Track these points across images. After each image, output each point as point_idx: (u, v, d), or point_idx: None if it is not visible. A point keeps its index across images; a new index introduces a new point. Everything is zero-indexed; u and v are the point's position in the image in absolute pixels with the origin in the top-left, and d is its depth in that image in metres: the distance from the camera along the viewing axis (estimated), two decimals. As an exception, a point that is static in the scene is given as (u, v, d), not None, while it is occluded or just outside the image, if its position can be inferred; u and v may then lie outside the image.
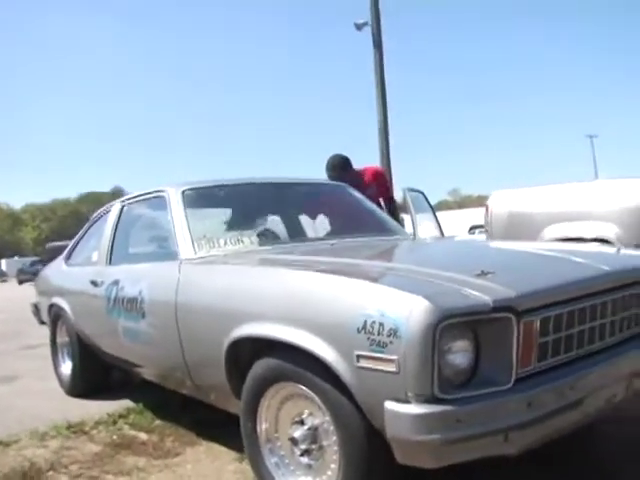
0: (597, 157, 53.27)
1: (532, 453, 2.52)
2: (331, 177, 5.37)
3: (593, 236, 5.97)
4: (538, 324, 2.19)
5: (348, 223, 4.32)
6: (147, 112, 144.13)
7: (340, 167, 5.49)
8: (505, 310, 2.08)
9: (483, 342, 2.10)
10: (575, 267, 2.66)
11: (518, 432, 2.08)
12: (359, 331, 2.11)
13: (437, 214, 4.78)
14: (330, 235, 4.03)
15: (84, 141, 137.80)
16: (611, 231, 6.10)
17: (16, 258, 62.48)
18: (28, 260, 48.66)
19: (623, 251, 3.13)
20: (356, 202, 4.49)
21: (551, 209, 6.65)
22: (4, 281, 51.75)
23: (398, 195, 5.83)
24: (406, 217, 4.82)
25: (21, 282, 39.70)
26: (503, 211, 7.03)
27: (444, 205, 70.14)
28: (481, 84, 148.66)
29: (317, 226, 4.23)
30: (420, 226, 4.33)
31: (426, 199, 4.80)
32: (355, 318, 2.13)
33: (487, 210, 7.23)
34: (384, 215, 4.61)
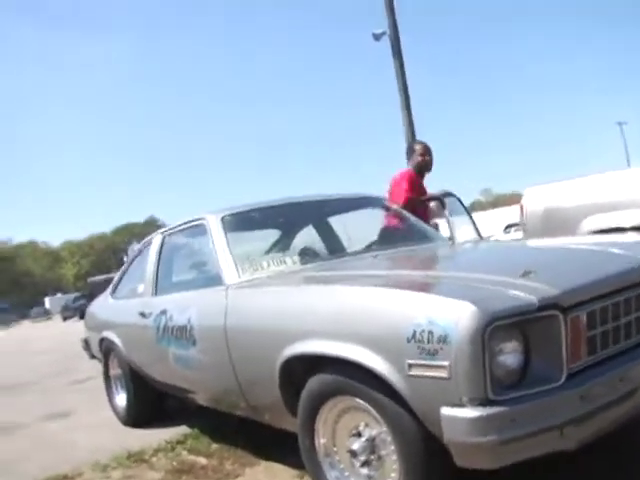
0: (628, 144, 52.22)
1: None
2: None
3: (632, 225, 5.89)
4: (585, 318, 2.23)
5: (387, 234, 4.36)
6: (177, 138, 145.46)
7: None
8: (551, 308, 2.12)
9: (532, 341, 2.14)
10: (616, 259, 2.68)
11: (573, 427, 2.11)
12: (409, 341, 2.16)
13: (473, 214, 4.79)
14: (371, 248, 4.08)
15: (115, 173, 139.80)
16: (651, 219, 6.02)
17: (59, 295, 63.52)
18: (71, 297, 49.31)
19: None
20: (392, 213, 4.53)
21: (587, 201, 6.56)
22: (49, 318, 52.60)
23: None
24: (440, 221, 4.84)
25: (65, 318, 40.36)
26: (538, 208, 6.95)
27: (477, 205, 69.50)
28: (505, 81, 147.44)
29: (356, 240, 4.27)
30: (458, 230, 4.36)
31: (460, 202, 4.83)
32: (404, 328, 2.18)
33: (522, 208, 7.17)
34: (421, 223, 4.65)
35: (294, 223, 4.25)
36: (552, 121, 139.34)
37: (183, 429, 4.74)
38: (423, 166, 5.81)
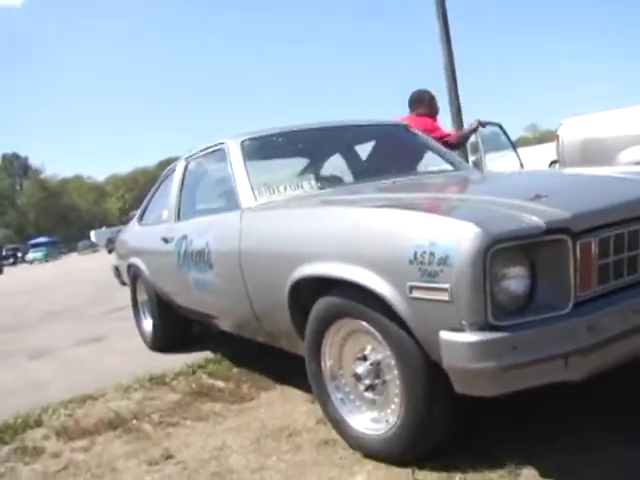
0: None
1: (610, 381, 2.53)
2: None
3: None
4: (597, 245, 2.12)
5: (411, 161, 4.26)
6: (220, 75, 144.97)
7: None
8: (559, 232, 2.02)
9: (539, 267, 2.06)
10: (635, 186, 2.55)
11: (579, 357, 2.03)
12: (411, 262, 2.10)
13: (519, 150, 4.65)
14: (393, 174, 3.99)
15: (159, 106, 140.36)
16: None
17: (104, 229, 64.46)
18: (116, 230, 50.03)
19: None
20: (418, 140, 4.42)
21: (626, 132, 6.34)
22: (95, 251, 53.60)
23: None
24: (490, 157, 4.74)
25: (110, 251, 40.99)
26: (575, 139, 6.73)
27: (522, 141, 67.95)
28: (551, 13, 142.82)
29: (380, 166, 4.18)
30: (498, 161, 4.25)
31: (504, 131, 4.70)
32: (406, 249, 2.12)
33: (558, 140, 6.95)
34: (449, 152, 4.53)
35: (316, 149, 4.16)
36: (603, 56, 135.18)
37: (206, 354, 4.81)
38: (435, 112, 5.90)
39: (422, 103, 5.82)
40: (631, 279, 2.28)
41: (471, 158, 5.53)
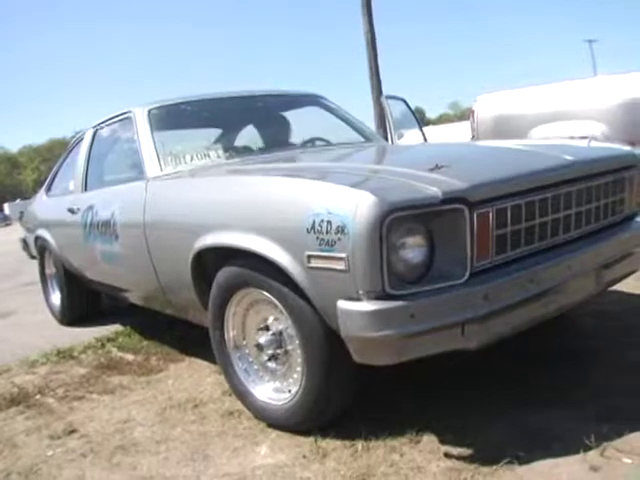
0: (598, 63, 51.83)
1: (508, 347, 2.60)
2: None
3: (580, 135, 5.87)
4: (493, 215, 2.15)
5: (323, 132, 4.24)
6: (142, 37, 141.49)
7: None
8: (456, 201, 2.04)
9: (436, 236, 2.08)
10: (535, 158, 2.59)
11: (475, 325, 2.08)
12: (308, 231, 2.09)
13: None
14: (303, 145, 3.98)
15: (76, 77, 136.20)
16: (598, 129, 6.01)
17: (18, 201, 62.32)
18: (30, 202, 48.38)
19: (593, 144, 3.07)
20: (330, 111, 4.40)
21: (537, 110, 6.52)
22: (8, 224, 51.81)
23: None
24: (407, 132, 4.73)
25: (24, 224, 39.73)
26: (489, 115, 6.89)
27: (444, 118, 68.97)
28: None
29: (291, 137, 4.15)
30: (405, 136, 4.27)
31: (407, 106, 4.70)
32: (304, 219, 2.11)
33: (473, 115, 7.10)
34: (361, 124, 4.53)
35: (227, 119, 4.07)
36: (523, 36, 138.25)
37: (116, 327, 4.73)
38: None
39: None
40: (528, 249, 2.33)
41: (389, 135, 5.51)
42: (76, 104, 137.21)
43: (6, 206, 63.67)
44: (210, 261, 2.71)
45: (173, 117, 3.80)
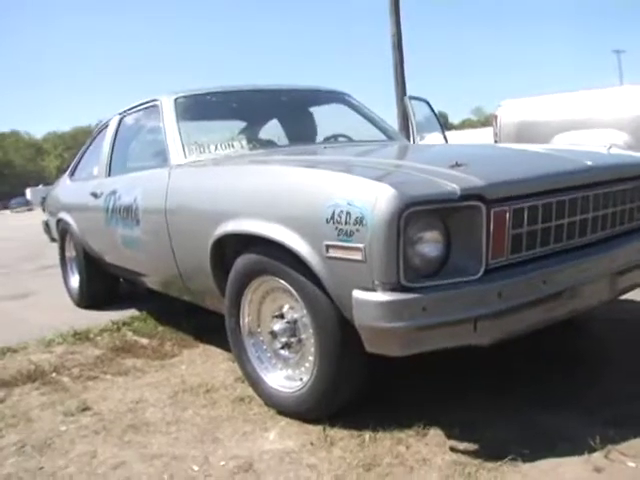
0: (625, 74, 51.48)
1: (520, 346, 2.67)
2: None
3: (602, 144, 5.86)
4: (510, 215, 2.17)
5: (346, 128, 4.27)
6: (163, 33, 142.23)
7: None
8: (474, 198, 2.06)
9: (453, 232, 2.11)
10: (555, 161, 2.62)
11: (488, 322, 2.10)
12: (328, 221, 2.13)
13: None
14: (327, 139, 4.03)
15: (104, 66, 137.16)
16: (620, 139, 5.99)
17: (40, 187, 62.84)
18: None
19: (614, 150, 3.08)
20: (355, 109, 4.44)
21: (560, 117, 6.51)
22: (30, 209, 52.27)
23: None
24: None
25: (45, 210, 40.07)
26: (512, 121, 6.89)
27: (467, 124, 68.83)
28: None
29: (315, 131, 4.19)
30: (427, 138, 4.29)
31: (430, 107, 4.72)
32: (324, 209, 2.15)
33: (496, 120, 7.10)
34: (385, 123, 4.56)
35: (252, 111, 4.12)
36: (551, 44, 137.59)
37: (132, 312, 4.81)
38: None
39: None
40: (543, 250, 2.35)
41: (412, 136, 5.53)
42: (101, 93, 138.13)
43: (28, 191, 64.25)
44: (229, 248, 2.75)
45: (199, 107, 3.86)
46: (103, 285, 5.15)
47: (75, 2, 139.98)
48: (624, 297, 2.96)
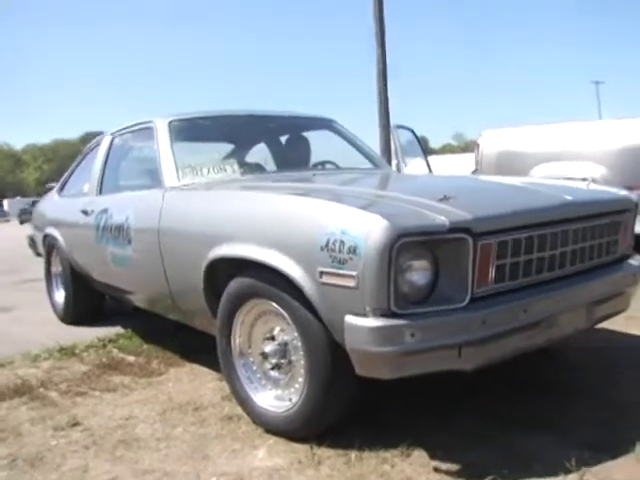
0: (603, 104, 52.44)
1: (496, 378, 2.81)
2: None
3: (580, 177, 6.04)
4: (495, 247, 2.31)
5: (334, 156, 4.39)
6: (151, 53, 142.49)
7: None
8: (462, 231, 2.19)
9: (441, 262, 2.22)
10: (537, 196, 2.75)
11: (472, 348, 2.23)
12: (322, 249, 2.24)
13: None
14: (315, 167, 4.15)
15: (86, 81, 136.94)
16: (598, 172, 6.19)
17: (18, 198, 62.44)
18: (30, 200, 48.48)
19: (592, 186, 3.22)
20: (342, 136, 4.56)
21: (540, 149, 6.71)
22: (7, 221, 51.82)
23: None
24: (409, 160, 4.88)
25: (22, 222, 39.64)
26: (493, 150, 7.08)
27: (447, 149, 69.42)
28: (486, 28, 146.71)
29: (303, 158, 4.30)
30: (410, 164, 4.43)
31: (415, 136, 4.87)
32: (319, 237, 2.26)
33: (478, 149, 7.29)
34: (372, 151, 4.69)
35: (242, 135, 4.25)
36: (535, 74, 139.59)
37: (118, 329, 4.85)
38: None
39: None
40: (525, 281, 2.48)
41: (394, 161, 5.69)
42: (81, 106, 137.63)
43: (5, 202, 63.75)
44: (222, 271, 2.84)
45: (192, 130, 3.97)
46: (89, 301, 5.19)
47: (57, 10, 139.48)
48: (599, 326, 3.08)
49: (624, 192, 3.23)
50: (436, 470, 2.31)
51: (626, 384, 3.09)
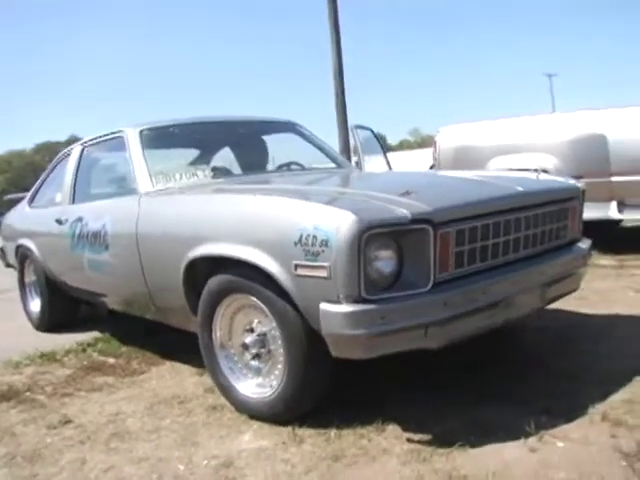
0: (556, 96, 53.45)
1: (460, 357, 3.05)
2: None
3: (534, 168, 6.31)
4: (454, 235, 2.54)
5: (297, 157, 4.60)
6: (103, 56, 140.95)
7: None
8: (423, 222, 2.42)
9: (405, 251, 2.45)
10: (491, 187, 3.01)
11: (437, 328, 2.45)
12: (296, 244, 2.44)
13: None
14: (281, 168, 4.36)
15: (37, 90, 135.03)
16: (551, 162, 6.49)
17: (-28, 211, 61.38)
18: (-9, 213, 47.58)
19: (542, 176, 3.48)
20: (305, 138, 4.77)
21: (495, 142, 7.00)
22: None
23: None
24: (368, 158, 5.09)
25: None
26: (450, 146, 7.35)
27: (405, 145, 70.05)
28: (441, 22, 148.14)
29: (267, 160, 4.51)
30: (370, 162, 4.64)
31: (375, 135, 5.08)
32: (292, 233, 2.46)
33: (435, 145, 7.56)
34: (334, 151, 4.91)
35: (211, 141, 4.44)
36: (488, 67, 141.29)
37: (95, 334, 4.98)
38: None
39: None
40: (483, 265, 2.73)
41: (354, 159, 5.92)
42: (37, 118, 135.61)
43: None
44: (201, 269, 3.02)
45: (162, 137, 4.14)
46: (64, 308, 5.31)
47: (17, 18, 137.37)
48: (552, 306, 3.33)
49: (572, 181, 3.50)
50: (409, 441, 2.53)
51: (577, 358, 3.36)
